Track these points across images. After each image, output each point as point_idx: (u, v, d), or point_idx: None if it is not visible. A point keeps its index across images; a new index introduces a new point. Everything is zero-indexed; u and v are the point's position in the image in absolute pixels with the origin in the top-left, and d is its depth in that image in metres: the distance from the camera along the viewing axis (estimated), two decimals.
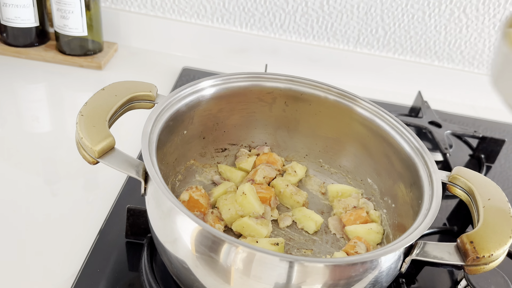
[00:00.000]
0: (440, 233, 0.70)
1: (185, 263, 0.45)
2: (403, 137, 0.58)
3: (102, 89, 0.53)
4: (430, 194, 0.50)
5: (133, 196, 0.66)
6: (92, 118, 0.49)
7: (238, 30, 1.08)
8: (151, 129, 0.51)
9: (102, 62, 0.97)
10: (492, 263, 0.45)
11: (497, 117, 1.10)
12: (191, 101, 0.59)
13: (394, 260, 0.45)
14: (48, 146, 0.76)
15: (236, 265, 0.41)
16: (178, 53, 1.10)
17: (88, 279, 0.54)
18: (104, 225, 0.61)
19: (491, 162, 0.91)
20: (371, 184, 0.65)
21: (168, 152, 0.58)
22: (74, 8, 0.91)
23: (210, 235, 0.41)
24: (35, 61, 0.96)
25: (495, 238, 0.45)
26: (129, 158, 0.48)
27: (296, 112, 0.67)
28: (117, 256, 0.57)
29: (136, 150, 0.75)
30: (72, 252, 0.58)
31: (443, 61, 1.11)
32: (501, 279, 0.55)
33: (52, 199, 0.66)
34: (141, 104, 0.55)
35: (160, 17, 1.07)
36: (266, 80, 0.64)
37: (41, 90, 0.90)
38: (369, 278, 0.43)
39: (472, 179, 0.52)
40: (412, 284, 0.60)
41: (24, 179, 0.68)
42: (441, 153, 0.85)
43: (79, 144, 0.48)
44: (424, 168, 0.54)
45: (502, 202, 0.49)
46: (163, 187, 0.43)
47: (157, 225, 0.48)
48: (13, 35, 0.95)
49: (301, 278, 0.41)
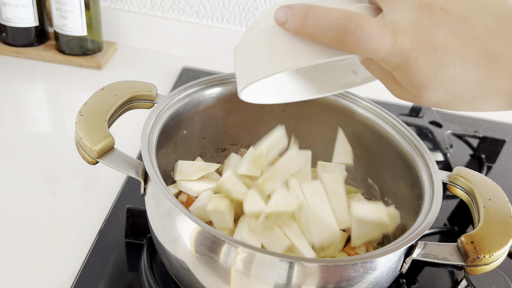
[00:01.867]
0: (441, 233, 0.70)
1: (185, 264, 0.45)
2: (403, 137, 0.58)
3: (102, 89, 0.53)
4: (430, 194, 0.50)
5: (133, 196, 0.66)
6: (91, 118, 0.49)
7: (238, 29, 1.08)
8: (150, 129, 0.51)
9: (102, 62, 0.97)
10: (493, 263, 0.45)
11: (497, 117, 1.10)
12: (191, 101, 0.59)
13: (394, 260, 0.45)
14: (47, 146, 0.75)
15: (236, 265, 0.41)
16: (178, 53, 1.10)
17: (88, 279, 0.54)
18: (104, 225, 0.61)
19: (492, 162, 0.91)
20: (371, 184, 0.64)
21: (167, 152, 0.58)
22: (74, 8, 0.90)
23: (210, 235, 0.41)
24: (35, 60, 0.96)
25: (495, 238, 0.45)
26: (128, 158, 0.47)
27: (296, 112, 0.66)
28: (117, 257, 0.57)
29: (135, 150, 0.75)
30: (71, 252, 0.58)
31: None
32: (502, 280, 0.55)
33: (52, 199, 0.65)
34: (140, 104, 0.55)
35: (160, 16, 1.07)
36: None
37: (41, 90, 0.90)
38: (369, 279, 0.43)
39: (472, 179, 0.52)
40: (413, 284, 0.60)
41: (23, 179, 0.68)
42: (442, 153, 0.85)
43: (79, 144, 0.48)
44: (424, 168, 0.54)
45: (503, 202, 0.49)
46: (162, 187, 0.43)
47: (156, 225, 0.48)
48: (13, 34, 0.94)
49: (301, 279, 0.41)
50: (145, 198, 0.50)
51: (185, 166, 0.58)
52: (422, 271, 0.62)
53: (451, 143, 0.92)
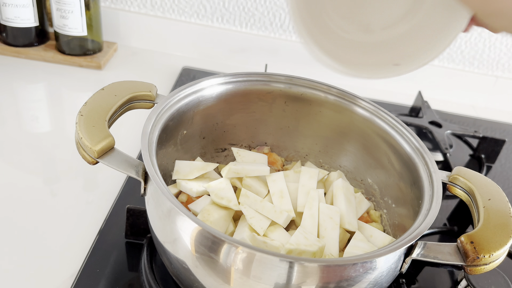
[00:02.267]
0: (441, 233, 0.70)
1: (185, 264, 0.45)
2: (403, 137, 0.58)
3: (102, 89, 0.53)
4: (430, 194, 0.50)
5: (133, 196, 0.66)
6: (91, 118, 0.49)
7: (238, 29, 1.08)
8: (150, 129, 0.51)
9: (102, 62, 0.97)
10: (493, 263, 0.45)
11: (497, 117, 1.10)
12: (191, 101, 0.59)
13: (394, 260, 0.45)
14: (47, 146, 0.75)
15: (236, 265, 0.41)
16: (178, 53, 1.10)
17: (88, 279, 0.54)
18: (104, 225, 0.61)
19: (492, 162, 0.91)
20: (371, 184, 0.64)
21: (168, 152, 0.58)
22: (74, 8, 0.90)
23: (210, 235, 0.41)
24: (35, 61, 0.96)
25: (495, 238, 0.45)
26: (128, 158, 0.47)
27: (296, 112, 0.66)
28: (117, 257, 0.57)
29: (135, 150, 0.75)
30: (71, 252, 0.58)
31: (444, 61, 1.10)
32: (502, 279, 0.55)
33: (52, 199, 0.65)
34: (140, 104, 0.55)
35: (160, 16, 1.07)
36: (266, 80, 0.64)
37: (41, 90, 0.90)
38: (369, 278, 0.43)
39: (472, 179, 0.52)
40: (413, 284, 0.60)
41: (23, 179, 0.68)
42: (442, 153, 0.85)
43: (79, 144, 0.48)
44: (424, 168, 0.54)
45: (503, 202, 0.49)
46: (163, 187, 0.43)
47: (156, 225, 0.48)
48: (13, 35, 0.94)
49: (301, 279, 0.41)
50: (145, 198, 0.50)
51: (182, 166, 0.59)
52: (422, 271, 0.62)
53: (451, 143, 0.92)
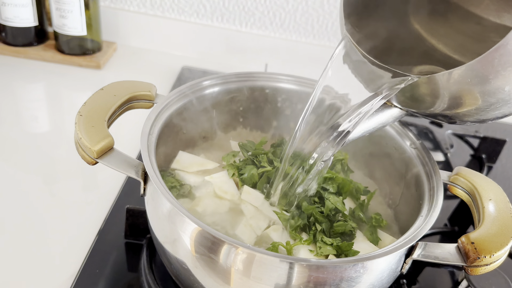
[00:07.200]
0: (441, 233, 0.70)
1: (185, 264, 0.45)
2: (403, 137, 0.58)
3: (101, 89, 0.53)
4: (430, 194, 0.50)
5: (133, 196, 0.66)
6: (91, 118, 0.49)
7: (238, 29, 1.08)
8: (150, 129, 0.50)
9: (101, 62, 0.97)
10: (493, 264, 0.45)
11: None
12: (191, 101, 0.59)
13: (395, 260, 0.44)
14: (47, 146, 0.75)
15: (236, 266, 0.41)
16: (178, 53, 1.10)
17: (87, 279, 0.54)
18: (103, 226, 0.61)
19: (492, 162, 0.91)
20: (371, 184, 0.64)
21: (167, 152, 0.58)
22: (73, 8, 0.90)
23: (210, 236, 0.41)
24: (34, 60, 0.95)
25: (496, 239, 0.44)
26: (128, 158, 0.47)
27: (296, 112, 0.66)
28: (116, 257, 0.57)
29: (135, 150, 0.75)
30: (71, 252, 0.58)
31: None
32: (502, 280, 0.55)
33: (51, 199, 0.65)
34: (140, 104, 0.55)
35: (159, 16, 1.07)
36: (265, 79, 0.64)
37: (40, 89, 0.90)
38: (370, 279, 0.43)
39: (473, 179, 0.51)
40: (413, 284, 0.60)
41: (23, 179, 0.68)
42: (442, 153, 0.85)
43: (78, 144, 0.47)
44: (425, 168, 0.54)
45: (504, 202, 0.49)
46: (162, 188, 0.43)
47: (156, 225, 0.48)
48: (12, 34, 0.94)
49: (302, 279, 0.41)
50: (145, 198, 0.50)
51: (184, 157, 0.60)
52: (422, 272, 0.62)
53: (451, 143, 0.92)
